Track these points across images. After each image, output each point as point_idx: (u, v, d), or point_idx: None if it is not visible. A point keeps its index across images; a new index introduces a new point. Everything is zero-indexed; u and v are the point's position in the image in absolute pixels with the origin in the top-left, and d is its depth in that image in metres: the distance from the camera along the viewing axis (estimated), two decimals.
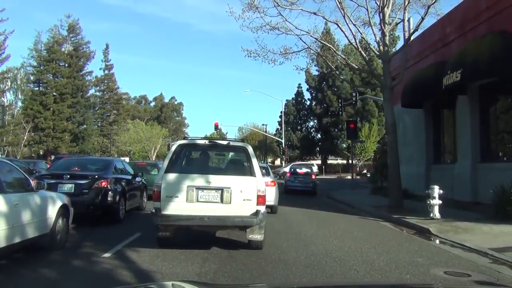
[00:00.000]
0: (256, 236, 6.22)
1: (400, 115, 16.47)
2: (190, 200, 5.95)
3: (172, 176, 6.10)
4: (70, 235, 6.69)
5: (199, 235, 6.93)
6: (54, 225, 5.83)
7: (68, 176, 8.28)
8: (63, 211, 6.10)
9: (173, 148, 6.45)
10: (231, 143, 6.74)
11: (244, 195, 6.01)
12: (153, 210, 5.94)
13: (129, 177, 10.17)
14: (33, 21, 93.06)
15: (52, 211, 5.81)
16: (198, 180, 6.05)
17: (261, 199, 6.04)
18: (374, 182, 21.02)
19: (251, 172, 6.20)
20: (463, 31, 13.19)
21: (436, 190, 10.37)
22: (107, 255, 5.84)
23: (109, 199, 8.47)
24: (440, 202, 10.41)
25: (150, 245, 6.42)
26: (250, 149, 6.49)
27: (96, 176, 8.52)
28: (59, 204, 5.98)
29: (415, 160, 16.66)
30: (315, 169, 43.73)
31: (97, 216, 8.65)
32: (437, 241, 8.08)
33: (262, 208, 6.07)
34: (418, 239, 8.35)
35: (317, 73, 56.86)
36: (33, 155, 53.04)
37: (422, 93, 14.56)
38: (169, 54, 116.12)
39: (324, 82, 55.67)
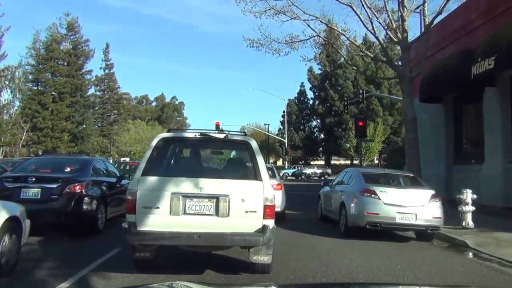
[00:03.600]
0: (263, 257, 4.77)
1: (416, 111, 15.05)
2: (175, 212, 4.51)
3: (151, 180, 4.63)
4: (26, 255, 5.29)
5: (189, 254, 5.48)
6: None
7: (34, 179, 6.86)
8: (11, 225, 4.68)
9: (153, 143, 4.90)
10: (230, 137, 5.14)
11: (247, 205, 4.56)
12: (126, 226, 4.50)
13: (113, 179, 8.71)
14: (33, 22, 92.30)
15: None
16: (186, 185, 4.60)
17: (269, 210, 4.57)
18: None
19: (255, 175, 4.73)
20: (491, 16, 11.78)
21: (469, 195, 8.96)
22: (64, 285, 4.40)
23: (84, 206, 7.04)
24: (473, 208, 9.00)
25: (127, 268, 5.02)
26: (254, 144, 4.99)
27: (69, 179, 7.10)
28: (4, 216, 4.56)
29: (433, 161, 15.17)
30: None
31: (71, 227, 7.24)
32: (480, 258, 6.65)
33: (271, 223, 4.59)
34: (456, 255, 6.95)
35: (319, 71, 55.63)
36: (31, 155, 51.88)
37: (443, 86, 13.13)
38: (171, 54, 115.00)
39: (327, 81, 54.50)
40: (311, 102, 59.19)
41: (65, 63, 54.18)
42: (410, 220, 7.73)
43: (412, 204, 7.81)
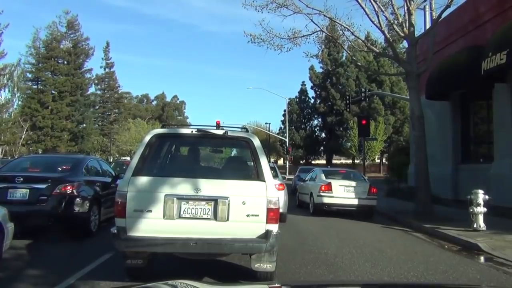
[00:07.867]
0: (265, 265, 4.37)
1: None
2: (169, 215, 4.10)
3: (143, 181, 4.22)
4: (9, 262, 4.91)
5: (185, 259, 5.07)
6: None
7: (22, 179, 6.45)
8: None
9: (145, 140, 4.47)
10: (229, 133, 4.68)
11: (248, 208, 4.15)
12: (115, 231, 4.08)
13: (107, 179, 8.28)
14: (32, 20, 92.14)
15: None
16: (181, 186, 4.19)
17: (272, 214, 4.16)
18: (389, 183, 19.29)
19: (258, 175, 4.32)
20: (502, 9, 11.36)
21: (481, 196, 8.53)
22: None
23: (76, 208, 6.64)
24: (485, 210, 8.58)
25: (119, 275, 4.62)
26: (256, 141, 4.57)
27: (59, 179, 6.70)
28: None
29: (440, 160, 14.76)
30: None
31: (61, 230, 6.83)
32: (496, 263, 6.24)
33: (275, 228, 4.18)
34: (470, 260, 6.53)
35: (321, 70, 55.25)
36: (31, 154, 51.58)
37: (451, 82, 12.71)
38: (172, 54, 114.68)
39: (329, 80, 54.08)
40: (312, 101, 58.83)
41: (65, 62, 53.85)
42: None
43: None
